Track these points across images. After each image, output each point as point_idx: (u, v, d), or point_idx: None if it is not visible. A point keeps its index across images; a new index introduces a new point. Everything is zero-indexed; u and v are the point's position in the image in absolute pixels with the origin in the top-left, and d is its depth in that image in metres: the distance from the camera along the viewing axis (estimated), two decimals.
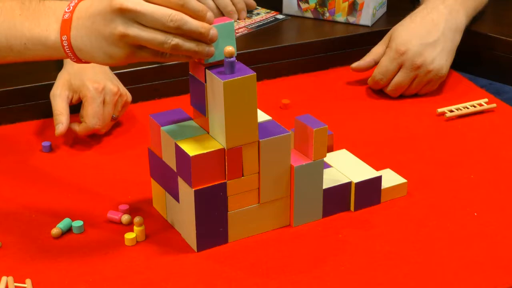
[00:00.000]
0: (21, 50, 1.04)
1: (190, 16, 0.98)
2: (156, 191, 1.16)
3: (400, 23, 1.48)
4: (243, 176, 1.08)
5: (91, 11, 0.99)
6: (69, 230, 1.13)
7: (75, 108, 1.33)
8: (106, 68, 1.35)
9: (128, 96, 1.35)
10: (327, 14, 1.64)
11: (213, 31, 1.00)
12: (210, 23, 1.00)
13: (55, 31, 1.01)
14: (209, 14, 1.00)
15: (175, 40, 0.98)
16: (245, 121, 1.04)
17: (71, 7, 1.01)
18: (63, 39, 1.01)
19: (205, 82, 1.04)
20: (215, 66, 1.03)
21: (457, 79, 1.54)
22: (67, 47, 1.01)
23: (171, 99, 1.46)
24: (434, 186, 1.23)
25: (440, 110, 1.42)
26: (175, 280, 1.04)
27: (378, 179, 1.18)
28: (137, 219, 1.10)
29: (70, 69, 1.33)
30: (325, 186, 1.14)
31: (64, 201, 1.19)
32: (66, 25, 1.01)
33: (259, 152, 1.07)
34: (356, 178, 1.16)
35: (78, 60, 1.03)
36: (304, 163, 1.11)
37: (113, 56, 1.00)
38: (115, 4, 0.97)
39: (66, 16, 1.01)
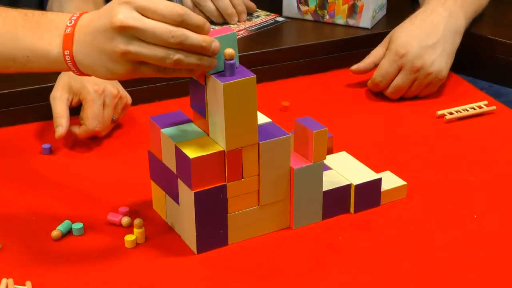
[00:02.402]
0: (23, 62, 1.03)
1: (191, 30, 0.98)
2: (156, 193, 1.16)
3: (400, 26, 1.48)
4: (243, 178, 1.08)
5: (92, 27, 0.98)
6: (69, 232, 1.13)
7: (75, 110, 1.33)
8: None
9: (128, 98, 1.35)
10: (327, 17, 1.64)
11: (215, 44, 0.99)
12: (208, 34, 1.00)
13: (57, 46, 1.01)
14: (207, 26, 0.99)
15: (177, 55, 0.97)
16: (245, 123, 1.04)
17: (73, 21, 1.01)
18: (66, 53, 1.00)
19: (205, 84, 1.04)
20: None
21: (457, 81, 1.54)
22: (70, 61, 1.01)
23: (171, 101, 1.46)
24: (433, 188, 1.23)
25: (439, 112, 1.42)
26: (175, 282, 1.04)
27: (378, 181, 1.18)
28: (137, 221, 1.10)
29: None
30: (325, 188, 1.14)
31: (64, 203, 1.19)
32: (68, 39, 1.00)
33: (259, 154, 1.07)
34: (356, 180, 1.16)
35: (81, 73, 1.02)
36: (304, 165, 1.11)
37: (115, 72, 0.99)
38: (115, 22, 0.96)
39: (68, 30, 1.00)
